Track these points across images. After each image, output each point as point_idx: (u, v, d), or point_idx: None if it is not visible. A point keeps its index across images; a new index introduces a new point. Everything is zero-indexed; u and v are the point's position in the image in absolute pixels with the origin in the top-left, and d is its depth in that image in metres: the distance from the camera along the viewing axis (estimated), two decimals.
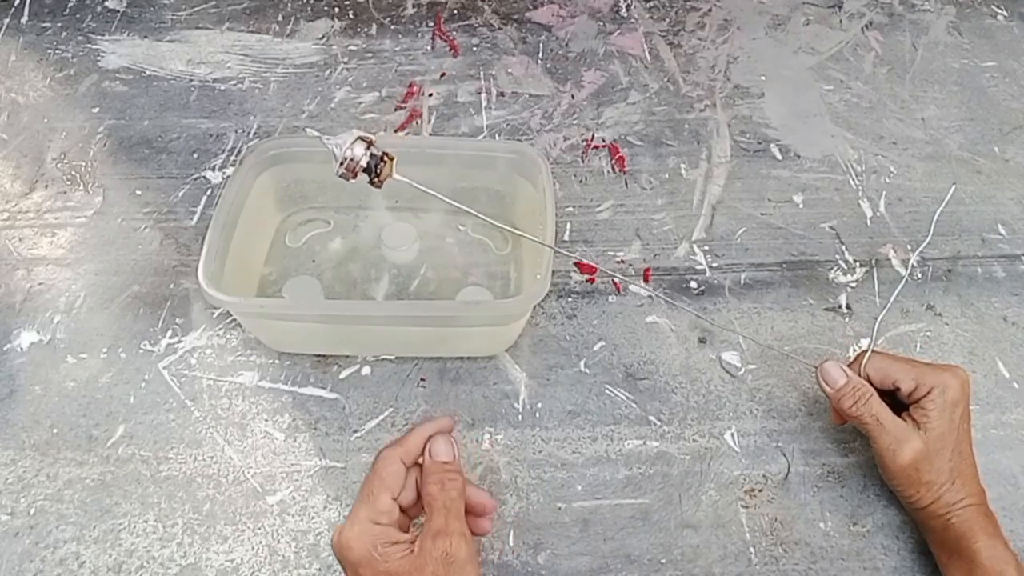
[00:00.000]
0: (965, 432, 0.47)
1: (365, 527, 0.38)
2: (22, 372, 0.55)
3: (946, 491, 0.46)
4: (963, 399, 0.47)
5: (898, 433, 0.46)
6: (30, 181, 0.67)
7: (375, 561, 0.37)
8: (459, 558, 0.37)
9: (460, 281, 0.60)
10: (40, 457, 0.52)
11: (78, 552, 0.48)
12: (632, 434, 0.54)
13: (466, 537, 0.38)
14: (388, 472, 0.40)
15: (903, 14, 0.86)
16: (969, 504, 0.45)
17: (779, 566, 0.49)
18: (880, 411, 0.47)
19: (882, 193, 0.69)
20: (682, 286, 0.62)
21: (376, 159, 0.38)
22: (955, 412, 0.46)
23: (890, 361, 0.48)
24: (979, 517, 0.45)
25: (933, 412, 0.46)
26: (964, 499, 0.45)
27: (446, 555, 0.37)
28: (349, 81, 0.76)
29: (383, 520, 0.39)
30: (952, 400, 0.46)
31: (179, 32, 0.80)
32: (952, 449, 0.46)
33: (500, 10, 0.84)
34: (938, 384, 0.46)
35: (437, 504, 0.39)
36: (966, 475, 0.46)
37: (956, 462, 0.46)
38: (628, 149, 0.71)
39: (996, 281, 0.63)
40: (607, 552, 0.49)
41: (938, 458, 0.46)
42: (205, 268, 0.48)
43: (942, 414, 0.46)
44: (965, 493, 0.46)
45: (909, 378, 0.47)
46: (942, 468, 0.46)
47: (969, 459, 0.47)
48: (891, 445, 0.46)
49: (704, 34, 0.83)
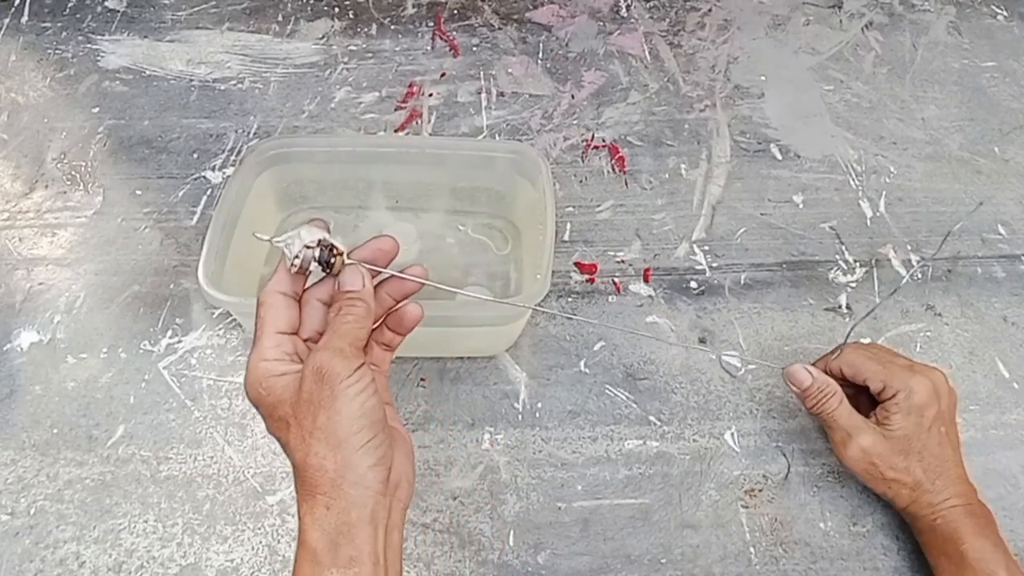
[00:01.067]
0: (942, 436, 0.47)
1: (251, 369, 0.37)
2: (22, 372, 0.55)
3: (926, 492, 0.46)
4: (933, 403, 0.47)
5: (850, 427, 0.47)
6: (30, 181, 0.67)
7: (262, 396, 0.36)
8: (331, 372, 0.34)
9: (460, 281, 0.60)
10: (40, 457, 0.52)
11: (78, 552, 0.48)
12: (632, 434, 0.54)
13: (343, 353, 0.35)
14: (267, 308, 0.38)
15: (903, 14, 0.86)
16: (954, 505, 0.46)
17: (779, 566, 0.49)
18: (837, 408, 0.48)
19: (882, 193, 0.69)
20: (682, 286, 0.62)
21: (327, 253, 0.40)
22: (922, 416, 0.46)
23: (864, 359, 0.49)
24: (965, 517, 0.45)
25: (896, 415, 0.46)
26: (948, 499, 0.46)
27: (318, 370, 0.35)
28: (349, 81, 0.76)
29: (269, 355, 0.37)
30: (919, 404, 0.46)
31: (179, 32, 0.80)
32: (920, 451, 0.46)
33: (500, 10, 0.84)
34: (904, 388, 0.47)
35: (329, 328, 0.37)
36: (949, 476, 0.46)
37: (930, 463, 0.46)
38: (628, 149, 0.71)
39: (996, 281, 0.63)
40: (607, 552, 0.49)
41: (901, 458, 0.46)
42: (205, 268, 0.48)
43: (906, 417, 0.46)
44: (949, 493, 0.46)
45: (878, 379, 0.48)
46: (911, 468, 0.46)
47: (951, 461, 0.47)
48: (842, 438, 0.48)
49: (704, 34, 0.83)
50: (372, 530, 0.35)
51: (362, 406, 0.35)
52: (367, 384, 0.36)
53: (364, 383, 0.35)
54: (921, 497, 0.46)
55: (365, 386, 0.35)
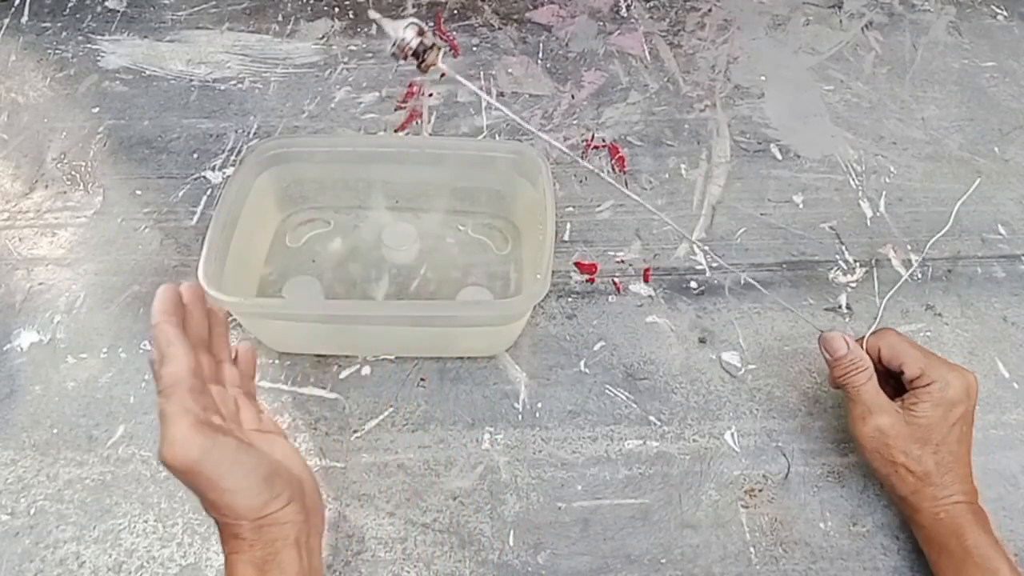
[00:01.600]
0: (962, 434, 0.47)
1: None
2: (22, 372, 0.55)
3: (932, 485, 0.46)
4: (965, 402, 0.46)
5: (872, 404, 0.47)
6: (30, 181, 0.67)
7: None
8: (189, 464, 0.34)
9: (460, 281, 0.60)
10: (40, 457, 0.52)
11: (78, 552, 0.48)
12: (632, 434, 0.54)
13: (184, 442, 0.34)
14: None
15: (903, 14, 0.86)
16: (959, 501, 0.45)
17: (779, 566, 0.49)
18: (865, 383, 0.47)
19: (882, 193, 0.69)
20: (682, 286, 0.62)
21: (425, 46, 0.41)
22: (951, 411, 0.46)
23: (906, 345, 0.48)
24: (969, 514, 0.45)
25: (926, 404, 0.46)
26: (953, 495, 0.45)
27: (181, 470, 0.34)
28: (349, 81, 0.76)
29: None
30: (951, 398, 0.46)
31: (179, 32, 0.80)
32: (939, 444, 0.46)
33: (500, 10, 0.84)
34: (940, 379, 0.46)
35: (161, 418, 0.36)
36: (958, 473, 0.46)
37: (944, 458, 0.46)
38: (628, 149, 0.71)
39: (996, 281, 0.63)
40: (607, 552, 0.49)
41: (918, 446, 0.46)
42: (205, 268, 0.48)
43: (935, 408, 0.46)
44: (955, 490, 0.46)
45: (916, 365, 0.47)
46: (923, 458, 0.46)
47: (963, 460, 0.47)
48: (861, 413, 0.47)
49: (704, 34, 0.83)
50: (297, 553, 0.37)
51: (246, 477, 0.36)
52: (232, 453, 0.35)
53: (227, 455, 0.35)
54: (925, 489, 0.46)
55: (232, 460, 0.35)
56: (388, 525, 0.50)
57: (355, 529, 0.50)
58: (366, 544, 0.49)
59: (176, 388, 0.35)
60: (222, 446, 0.35)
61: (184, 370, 0.36)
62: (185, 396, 0.35)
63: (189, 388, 0.35)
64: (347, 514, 0.50)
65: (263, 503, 0.36)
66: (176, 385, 0.35)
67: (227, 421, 0.39)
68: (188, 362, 0.36)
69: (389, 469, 0.52)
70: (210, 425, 0.35)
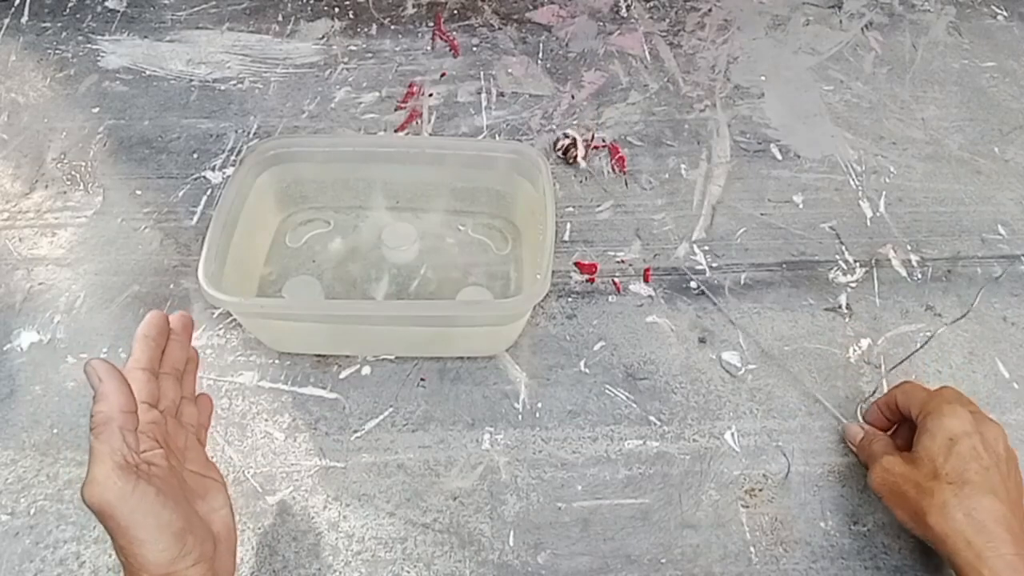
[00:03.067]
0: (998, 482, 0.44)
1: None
2: (22, 372, 0.55)
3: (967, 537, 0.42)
4: (968, 434, 0.45)
5: (882, 455, 0.48)
6: (30, 181, 0.67)
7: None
8: (105, 508, 0.34)
9: (460, 281, 0.60)
10: (40, 457, 0.52)
11: (78, 552, 0.48)
12: (632, 434, 0.54)
13: (106, 483, 0.34)
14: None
15: (903, 14, 0.86)
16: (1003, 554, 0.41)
17: (779, 566, 0.49)
18: (879, 444, 0.50)
19: (882, 193, 0.69)
20: (682, 286, 0.62)
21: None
22: (955, 442, 0.44)
23: (918, 389, 0.50)
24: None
25: (923, 436, 0.46)
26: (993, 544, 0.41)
27: (97, 511, 0.35)
28: (349, 81, 0.76)
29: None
30: (948, 427, 0.45)
31: (179, 32, 0.80)
32: (950, 477, 0.43)
33: (500, 10, 0.84)
34: (935, 411, 0.46)
35: (91, 453, 0.36)
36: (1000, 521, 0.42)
37: (979, 502, 0.42)
38: (628, 149, 0.71)
39: (996, 281, 0.63)
40: (607, 552, 0.49)
41: (925, 479, 0.44)
42: (205, 268, 0.48)
43: (932, 439, 0.45)
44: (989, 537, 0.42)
45: (919, 405, 0.48)
46: (937, 490, 0.43)
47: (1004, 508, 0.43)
48: (871, 465, 0.49)
49: (704, 34, 0.83)
50: None
51: (159, 530, 0.35)
52: (149, 503, 0.35)
53: (143, 503, 0.34)
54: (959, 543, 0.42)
55: (147, 510, 0.35)
56: (388, 525, 0.50)
57: (355, 529, 0.50)
58: (366, 544, 0.49)
59: (106, 427, 0.35)
60: (141, 493, 0.34)
61: (116, 409, 0.35)
62: (114, 435, 0.35)
63: (120, 426, 0.35)
64: (347, 514, 0.50)
65: (170, 559, 0.35)
66: (106, 424, 0.35)
67: (173, 454, 0.40)
68: (121, 400, 0.36)
69: (389, 469, 0.52)
70: (134, 470, 0.35)
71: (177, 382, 0.44)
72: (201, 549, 0.37)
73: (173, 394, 0.43)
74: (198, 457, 0.43)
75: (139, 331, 0.42)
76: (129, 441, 0.35)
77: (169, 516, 0.35)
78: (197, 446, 0.44)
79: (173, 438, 0.42)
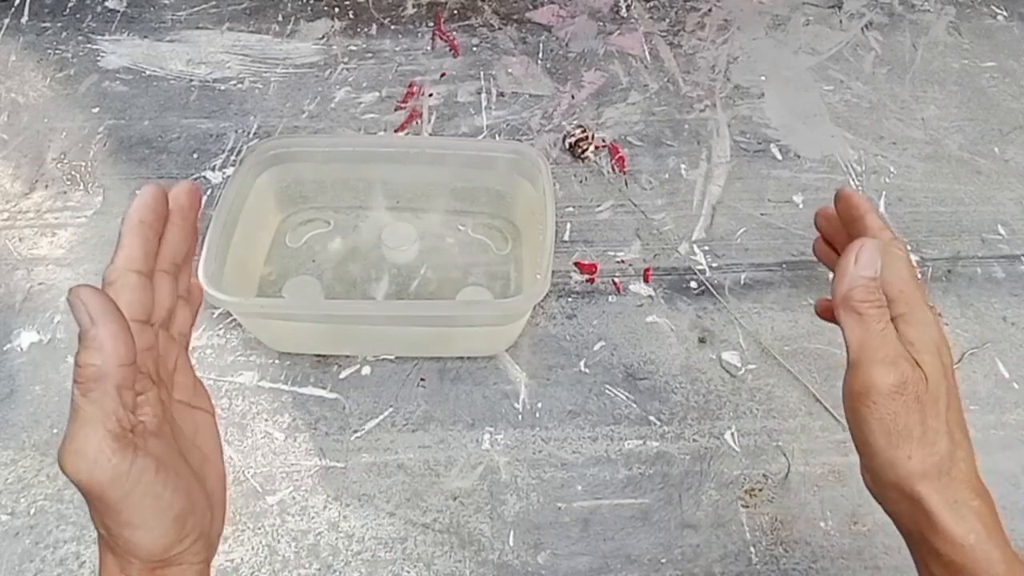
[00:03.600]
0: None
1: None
2: (22, 372, 0.55)
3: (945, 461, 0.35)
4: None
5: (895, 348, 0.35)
6: (30, 181, 0.67)
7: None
8: (99, 491, 0.27)
9: (460, 281, 0.60)
10: (40, 457, 0.52)
11: (78, 552, 0.48)
12: (632, 434, 0.54)
13: (99, 460, 0.26)
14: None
15: (903, 14, 0.86)
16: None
17: (779, 565, 0.49)
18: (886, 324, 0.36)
19: (882, 193, 0.69)
20: (682, 286, 0.62)
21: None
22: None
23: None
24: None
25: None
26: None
27: (88, 492, 0.28)
28: (349, 81, 0.76)
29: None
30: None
31: (179, 32, 0.80)
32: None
33: (500, 10, 0.84)
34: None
35: (72, 415, 0.28)
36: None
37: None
38: (628, 149, 0.71)
39: (996, 281, 0.63)
40: (607, 552, 0.49)
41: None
42: (205, 268, 0.48)
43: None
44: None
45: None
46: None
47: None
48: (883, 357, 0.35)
49: (704, 34, 0.83)
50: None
51: (155, 515, 0.28)
52: (147, 482, 0.28)
53: (141, 484, 0.27)
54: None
55: (145, 491, 0.27)
56: (388, 525, 0.50)
57: (355, 529, 0.50)
58: (366, 544, 0.49)
59: (99, 384, 0.27)
60: (138, 471, 0.27)
61: (113, 363, 0.27)
62: (109, 396, 0.27)
63: (117, 384, 0.27)
64: (347, 514, 0.50)
65: (166, 546, 0.29)
66: (99, 381, 0.27)
67: (164, 386, 0.32)
68: (120, 351, 0.27)
69: (389, 469, 0.52)
70: (130, 439, 0.27)
71: (174, 280, 0.34)
72: (200, 526, 0.31)
73: (168, 300, 0.33)
74: (186, 381, 0.34)
75: (131, 214, 0.32)
76: (126, 401, 0.27)
77: (170, 497, 0.28)
78: (186, 365, 0.34)
79: (164, 361, 0.32)
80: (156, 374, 0.31)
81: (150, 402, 0.30)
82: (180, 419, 0.33)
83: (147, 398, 0.30)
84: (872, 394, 0.34)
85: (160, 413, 0.30)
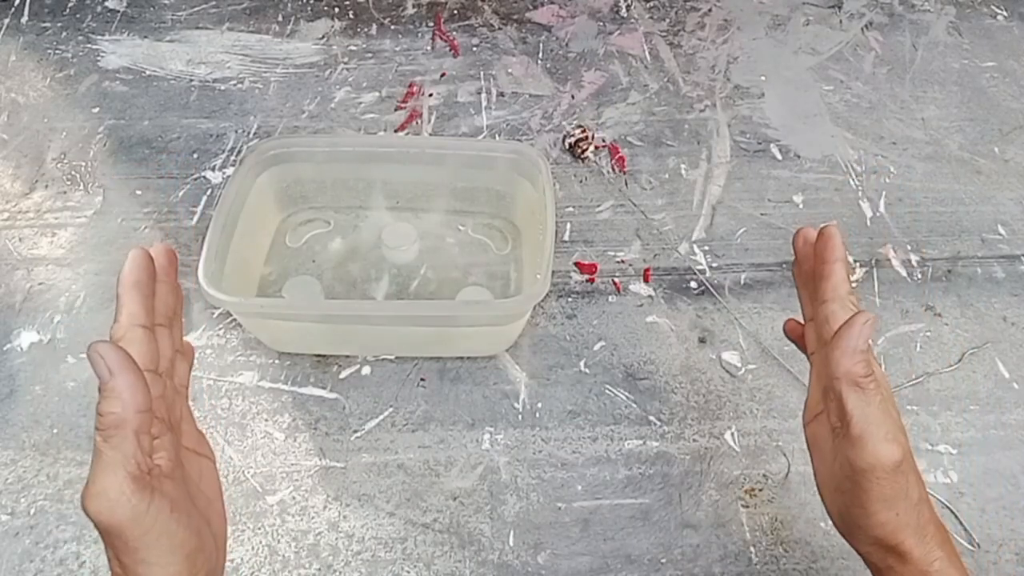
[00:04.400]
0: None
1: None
2: (22, 372, 0.55)
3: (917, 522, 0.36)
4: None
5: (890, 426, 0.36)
6: (30, 181, 0.67)
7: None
8: (117, 529, 0.29)
9: (460, 281, 0.60)
10: (40, 457, 0.52)
11: (78, 552, 0.48)
12: (632, 434, 0.54)
13: (119, 500, 0.29)
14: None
15: (903, 14, 0.86)
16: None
17: (779, 565, 0.49)
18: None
19: (882, 193, 0.69)
20: (682, 286, 0.62)
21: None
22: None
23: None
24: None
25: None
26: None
27: (105, 529, 0.30)
28: (349, 81, 0.76)
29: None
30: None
31: (179, 32, 0.80)
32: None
33: (500, 10, 0.84)
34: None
35: (95, 460, 0.31)
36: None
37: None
38: (628, 149, 0.71)
39: (996, 281, 0.63)
40: (607, 552, 0.49)
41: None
42: (205, 268, 0.48)
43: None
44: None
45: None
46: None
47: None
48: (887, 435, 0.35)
49: (704, 34, 0.83)
50: None
51: (170, 553, 0.30)
52: (163, 522, 0.30)
53: (157, 523, 0.30)
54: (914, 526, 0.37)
55: (161, 530, 0.30)
56: (388, 525, 0.50)
57: (355, 529, 0.50)
58: (366, 544, 0.49)
59: (119, 431, 0.29)
60: (155, 511, 0.30)
61: (131, 410, 0.29)
62: (128, 441, 0.29)
63: (135, 429, 0.30)
64: (347, 514, 0.50)
65: None
66: (119, 428, 0.29)
67: (174, 431, 0.35)
68: (137, 400, 0.30)
69: (389, 469, 0.52)
70: (148, 481, 0.30)
71: (170, 333, 0.37)
72: (208, 563, 0.33)
73: (169, 350, 0.36)
74: (191, 429, 0.37)
75: (125, 277, 0.35)
76: (143, 445, 0.30)
77: (183, 535, 0.31)
78: (189, 414, 0.38)
79: (171, 410, 0.36)
80: (168, 420, 0.34)
81: (165, 446, 0.33)
82: (187, 464, 0.35)
83: (162, 442, 0.33)
84: (878, 470, 0.35)
85: (174, 457, 0.33)
